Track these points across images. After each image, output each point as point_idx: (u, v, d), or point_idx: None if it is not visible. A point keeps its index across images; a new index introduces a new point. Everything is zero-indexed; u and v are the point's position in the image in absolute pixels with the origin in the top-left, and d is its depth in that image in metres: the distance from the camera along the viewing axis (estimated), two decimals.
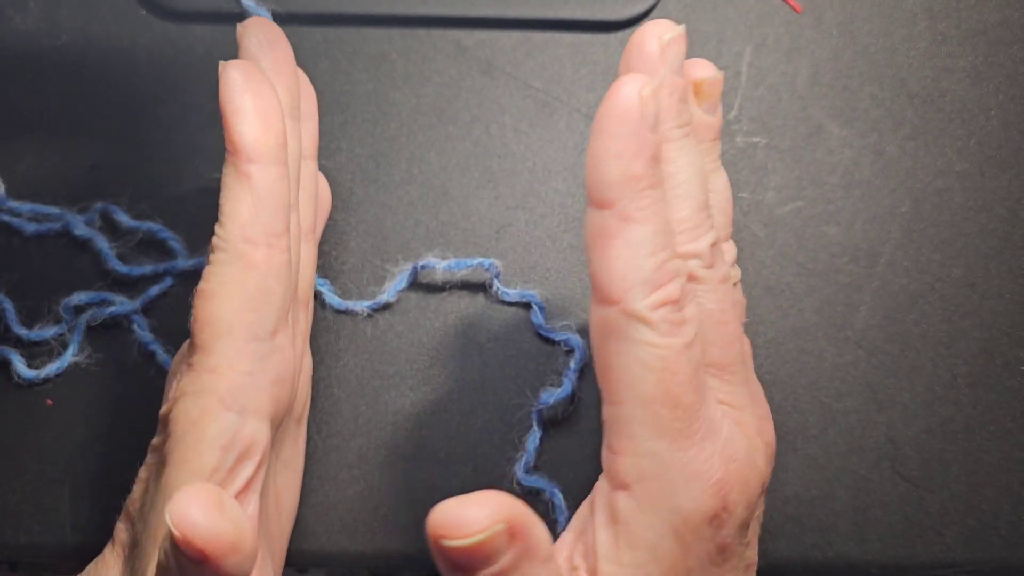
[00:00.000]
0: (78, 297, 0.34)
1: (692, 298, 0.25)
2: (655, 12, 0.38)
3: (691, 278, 0.26)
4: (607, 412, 0.25)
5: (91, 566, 0.27)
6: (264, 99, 0.27)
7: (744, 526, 0.26)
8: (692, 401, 0.24)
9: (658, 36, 0.25)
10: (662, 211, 0.24)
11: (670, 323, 0.24)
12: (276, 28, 0.30)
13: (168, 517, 0.21)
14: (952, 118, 0.37)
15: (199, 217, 0.28)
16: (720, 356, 0.26)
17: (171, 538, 0.21)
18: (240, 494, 0.26)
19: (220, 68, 0.27)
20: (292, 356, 0.28)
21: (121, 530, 0.28)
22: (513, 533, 0.22)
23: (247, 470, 0.26)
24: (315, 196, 0.33)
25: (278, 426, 0.28)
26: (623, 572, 0.24)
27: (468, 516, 0.21)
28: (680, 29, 0.25)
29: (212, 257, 0.27)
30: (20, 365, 0.34)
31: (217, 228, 0.27)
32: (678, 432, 0.24)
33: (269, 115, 0.27)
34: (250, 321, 0.26)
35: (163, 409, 0.27)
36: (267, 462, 0.27)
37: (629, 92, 0.23)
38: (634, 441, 0.24)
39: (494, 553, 0.21)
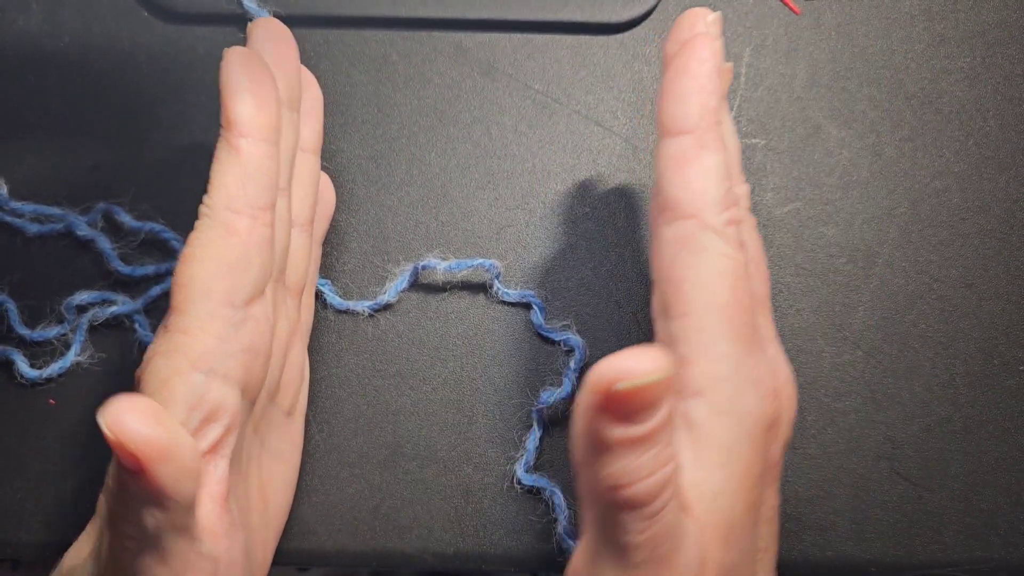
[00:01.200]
0: (80, 297, 0.34)
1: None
2: (655, 14, 0.38)
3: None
4: (675, 327, 0.27)
5: (75, 542, 0.28)
6: (260, 82, 0.28)
7: (783, 450, 0.28)
8: (753, 312, 0.27)
9: (703, 18, 0.29)
10: (724, 148, 0.28)
11: (737, 240, 0.27)
12: (284, 28, 0.32)
13: (101, 420, 0.22)
14: (950, 119, 0.37)
15: None
16: (758, 289, 0.29)
17: (115, 461, 0.22)
18: (206, 455, 0.26)
19: (224, 53, 0.28)
20: (267, 330, 0.28)
21: (101, 503, 0.28)
22: (670, 386, 0.22)
23: (213, 432, 0.26)
24: (314, 191, 0.34)
25: (253, 401, 0.29)
26: (706, 475, 0.25)
27: (639, 363, 0.21)
28: (718, 14, 0.29)
29: (197, 223, 0.28)
30: (23, 365, 0.34)
31: (205, 197, 0.28)
32: (747, 337, 0.26)
33: (263, 96, 0.28)
34: (226, 287, 0.27)
35: (137, 371, 0.27)
36: (238, 432, 0.27)
37: (707, 44, 0.28)
38: (708, 347, 0.26)
39: (658, 399, 0.22)
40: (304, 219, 0.33)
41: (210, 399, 0.26)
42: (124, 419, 0.22)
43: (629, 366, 0.21)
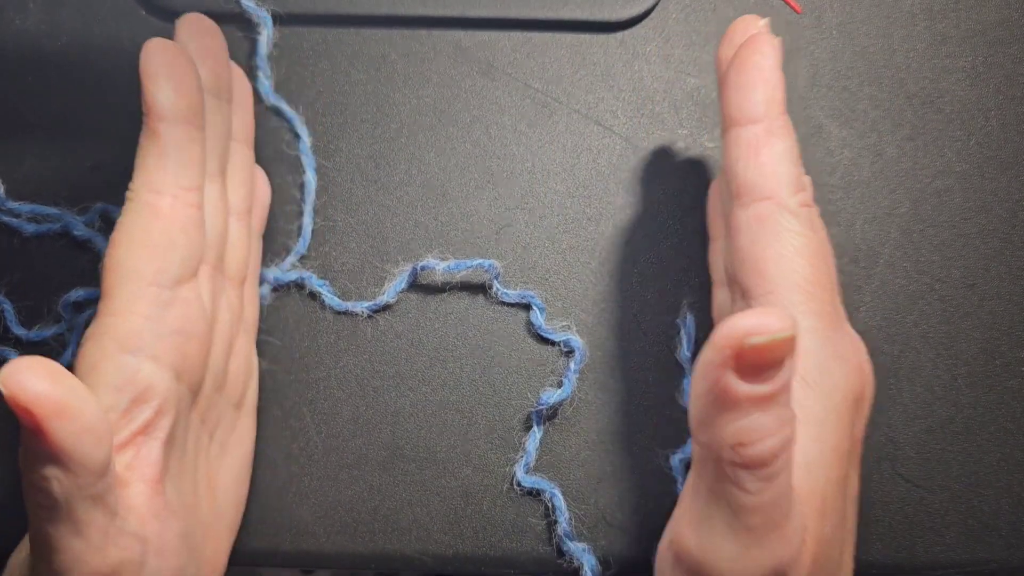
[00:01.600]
0: (76, 294, 0.34)
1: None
2: (655, 12, 0.38)
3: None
4: (758, 307, 0.27)
5: (22, 541, 0.28)
6: (178, 68, 0.29)
7: (863, 428, 0.29)
8: (834, 289, 0.28)
9: (755, 23, 0.30)
10: (792, 136, 0.29)
11: (811, 220, 0.28)
12: (210, 22, 0.33)
13: None
14: (951, 119, 0.37)
15: None
16: (831, 273, 0.29)
17: (21, 428, 0.22)
18: (137, 436, 0.26)
19: (143, 45, 0.29)
20: (199, 314, 0.29)
21: None
22: (795, 345, 0.22)
23: (143, 414, 0.26)
24: (249, 180, 0.34)
25: (195, 390, 0.29)
26: (801, 447, 0.26)
27: (769, 319, 0.22)
28: (768, 20, 0.30)
29: (123, 208, 0.28)
30: None
31: (129, 183, 0.29)
32: (829, 314, 0.27)
33: (182, 82, 0.29)
34: (152, 268, 0.27)
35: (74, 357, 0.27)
36: (174, 417, 0.27)
37: (767, 40, 0.29)
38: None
39: (785, 356, 0.22)
40: (240, 208, 0.33)
41: (139, 380, 0.26)
42: (20, 375, 0.22)
43: (760, 323, 0.22)
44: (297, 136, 0.37)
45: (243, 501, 0.33)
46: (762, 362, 0.22)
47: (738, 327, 0.22)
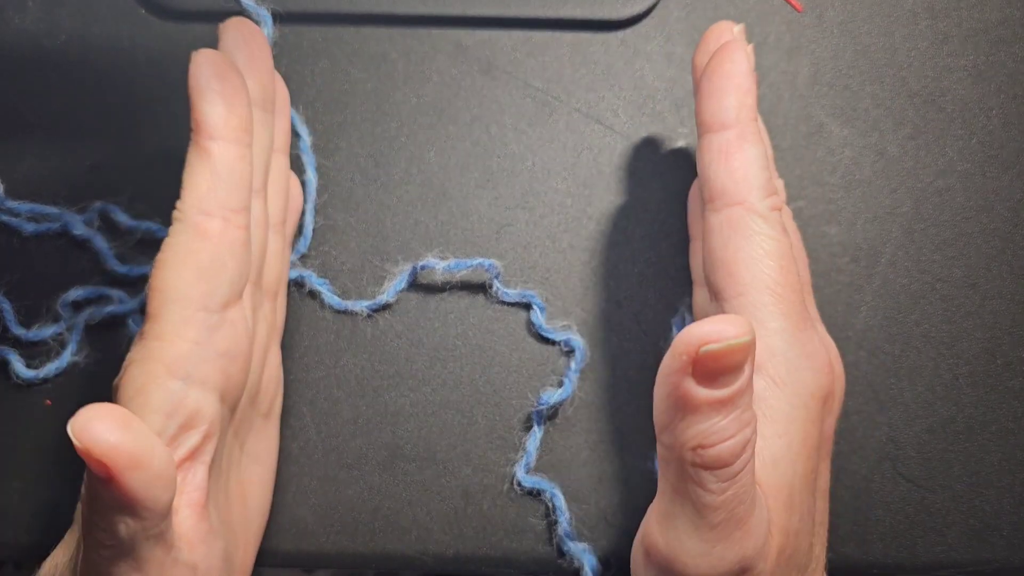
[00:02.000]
0: (76, 293, 0.34)
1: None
2: (656, 11, 0.38)
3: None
4: (728, 307, 0.28)
5: (54, 550, 0.28)
6: (230, 84, 0.28)
7: (833, 424, 0.29)
8: (801, 291, 0.29)
9: (730, 29, 0.31)
10: (763, 141, 0.29)
11: (780, 225, 0.29)
12: (254, 27, 0.32)
13: (70, 429, 0.21)
14: (953, 117, 0.37)
15: None
16: (801, 272, 0.30)
17: (88, 471, 0.22)
18: (184, 462, 0.26)
19: (192, 56, 0.28)
20: (244, 334, 0.28)
21: (79, 511, 0.28)
22: (752, 350, 0.23)
23: (191, 439, 0.26)
24: (286, 191, 0.34)
25: (233, 407, 0.29)
26: (766, 443, 0.27)
27: (725, 327, 0.22)
28: (743, 25, 0.31)
29: (170, 229, 0.28)
30: (19, 365, 0.34)
31: (177, 202, 0.28)
32: (798, 315, 0.28)
33: (233, 98, 0.28)
34: (201, 291, 0.27)
35: (116, 379, 0.27)
36: (218, 438, 0.27)
37: (739, 48, 0.29)
38: (762, 323, 0.28)
39: (743, 362, 0.23)
40: (277, 220, 0.33)
41: (187, 406, 0.26)
42: (92, 426, 0.22)
43: (716, 330, 0.22)
44: (297, 135, 0.37)
45: (268, 507, 0.33)
46: (719, 368, 0.23)
47: (695, 334, 0.22)
